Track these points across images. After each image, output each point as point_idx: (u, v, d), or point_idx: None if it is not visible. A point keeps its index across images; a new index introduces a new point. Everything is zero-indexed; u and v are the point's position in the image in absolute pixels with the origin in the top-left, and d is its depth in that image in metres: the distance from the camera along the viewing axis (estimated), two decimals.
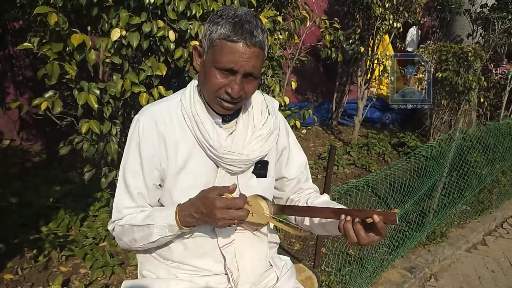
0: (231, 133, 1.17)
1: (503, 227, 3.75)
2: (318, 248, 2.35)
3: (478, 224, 3.55)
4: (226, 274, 1.20)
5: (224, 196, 1.01)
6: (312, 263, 2.45)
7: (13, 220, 2.67)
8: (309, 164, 4.21)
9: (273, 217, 1.16)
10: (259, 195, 1.17)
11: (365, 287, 2.55)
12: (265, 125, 1.19)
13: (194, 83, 1.18)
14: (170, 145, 1.13)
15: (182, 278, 1.20)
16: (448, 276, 2.93)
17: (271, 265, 1.32)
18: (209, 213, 1.01)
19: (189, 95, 1.15)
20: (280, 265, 1.33)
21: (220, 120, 1.14)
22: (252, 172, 1.21)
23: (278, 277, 1.30)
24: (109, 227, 1.23)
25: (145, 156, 1.13)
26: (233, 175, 1.17)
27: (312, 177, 4.18)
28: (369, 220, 0.97)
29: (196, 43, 1.79)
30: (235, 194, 1.17)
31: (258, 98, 1.24)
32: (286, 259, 1.40)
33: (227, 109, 1.10)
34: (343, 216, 1.03)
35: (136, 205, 1.17)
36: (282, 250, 1.65)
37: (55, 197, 2.99)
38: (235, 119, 1.18)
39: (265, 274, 1.28)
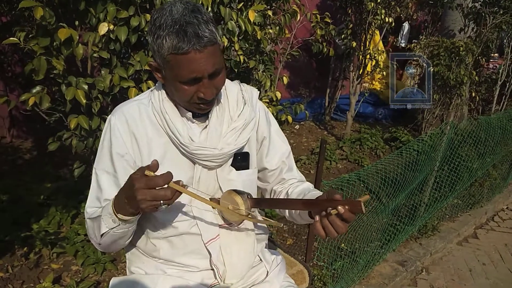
0: (205, 127, 1.15)
1: (494, 220, 3.79)
2: (309, 242, 2.36)
3: (469, 218, 3.58)
4: (213, 269, 1.19)
5: (145, 175, 0.91)
6: (304, 258, 2.45)
7: (4, 217, 2.64)
8: (302, 160, 4.25)
9: (249, 214, 1.14)
10: (235, 190, 1.15)
11: (357, 281, 2.56)
12: (241, 116, 1.17)
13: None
14: (143, 144, 1.11)
15: (170, 273, 1.19)
16: (440, 269, 2.95)
17: (260, 259, 1.31)
18: (131, 195, 0.92)
19: (157, 94, 1.13)
20: (270, 260, 1.33)
21: (191, 115, 1.12)
22: (232, 165, 1.19)
23: (267, 272, 1.29)
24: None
25: (117, 155, 1.11)
26: (211, 170, 1.16)
27: (305, 172, 4.17)
28: (333, 211, 0.93)
29: None
30: (214, 186, 1.17)
31: (234, 89, 1.21)
32: (276, 253, 1.39)
33: (206, 109, 1.10)
34: (313, 219, 1.00)
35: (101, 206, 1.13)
36: (273, 244, 1.65)
37: (46, 194, 2.96)
38: (209, 114, 1.15)
39: (254, 269, 1.27)
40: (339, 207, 0.92)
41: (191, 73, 0.98)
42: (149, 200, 0.91)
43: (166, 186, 0.92)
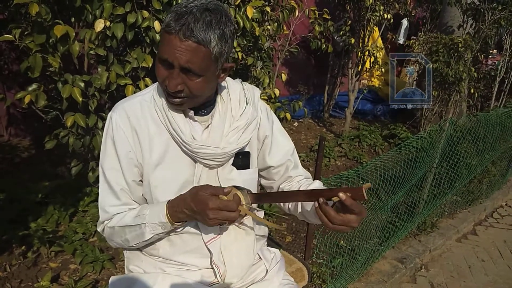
0: (207, 126, 1.14)
1: (493, 217, 3.79)
2: (308, 240, 2.35)
3: (468, 214, 3.57)
4: (213, 268, 1.18)
5: (218, 197, 1.01)
6: (303, 255, 2.44)
7: (1, 216, 2.63)
8: (301, 157, 4.24)
9: (250, 208, 1.13)
10: (235, 186, 1.14)
11: (356, 278, 2.56)
12: (243, 116, 1.16)
13: None
14: (144, 140, 1.11)
15: (169, 272, 1.19)
16: (439, 266, 2.95)
17: (260, 257, 1.30)
18: (200, 212, 1.00)
19: (161, 91, 1.11)
20: (269, 258, 1.32)
21: (192, 113, 1.11)
22: (233, 164, 1.18)
23: (267, 270, 1.29)
24: (99, 228, 1.20)
25: (121, 153, 1.11)
26: (212, 169, 1.15)
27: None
28: (335, 199, 0.94)
29: None
30: (214, 185, 1.16)
31: (236, 88, 1.20)
32: (276, 251, 1.38)
33: (173, 103, 1.07)
34: (313, 205, 1.02)
35: (121, 203, 1.14)
36: (272, 242, 1.65)
37: (44, 193, 2.95)
38: (211, 113, 1.15)
39: (254, 267, 1.27)
40: (341, 194, 0.93)
41: (164, 53, 0.99)
42: (219, 219, 1.00)
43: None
